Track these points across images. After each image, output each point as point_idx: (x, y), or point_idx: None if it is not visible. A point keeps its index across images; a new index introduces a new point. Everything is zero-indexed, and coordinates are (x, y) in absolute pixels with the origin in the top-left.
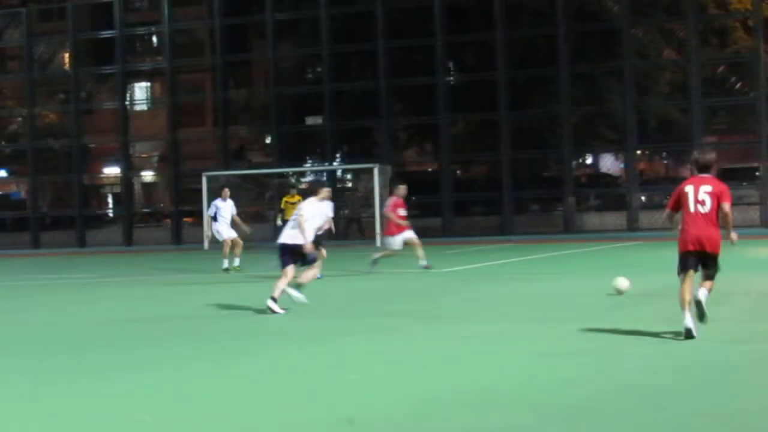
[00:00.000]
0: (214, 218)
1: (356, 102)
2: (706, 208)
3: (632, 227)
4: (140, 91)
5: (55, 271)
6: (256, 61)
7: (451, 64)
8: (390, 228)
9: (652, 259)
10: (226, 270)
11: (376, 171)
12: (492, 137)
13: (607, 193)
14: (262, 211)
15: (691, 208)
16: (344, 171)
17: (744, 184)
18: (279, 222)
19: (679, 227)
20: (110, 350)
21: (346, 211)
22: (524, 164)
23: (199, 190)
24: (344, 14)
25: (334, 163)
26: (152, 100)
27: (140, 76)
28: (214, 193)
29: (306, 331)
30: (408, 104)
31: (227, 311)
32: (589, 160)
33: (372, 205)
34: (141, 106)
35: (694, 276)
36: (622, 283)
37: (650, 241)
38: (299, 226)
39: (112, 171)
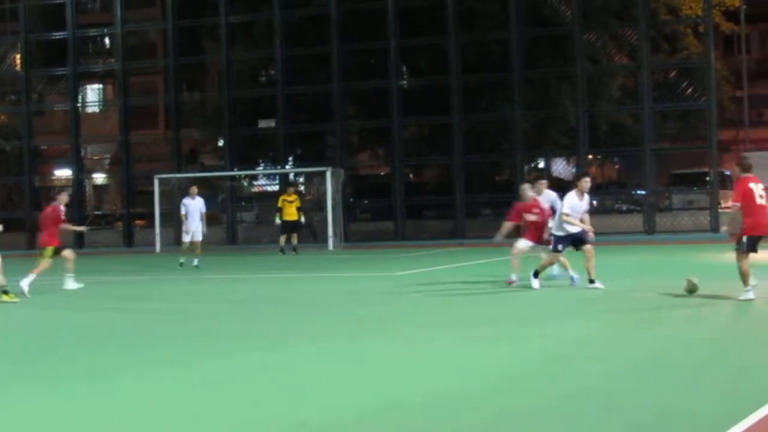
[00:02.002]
0: (186, 217)
1: (309, 105)
2: (765, 201)
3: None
4: (92, 92)
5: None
6: (209, 64)
7: (404, 68)
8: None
9: (604, 264)
10: (197, 267)
11: (328, 174)
12: (444, 141)
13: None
14: (214, 214)
15: (758, 201)
16: (297, 174)
17: (694, 189)
18: (278, 221)
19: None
20: (54, 356)
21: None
22: (476, 168)
23: (151, 193)
24: (298, 17)
25: (287, 167)
26: (104, 101)
27: (92, 78)
28: (167, 196)
29: (260, 334)
30: (361, 108)
31: (183, 313)
32: (541, 165)
33: (324, 209)
34: (93, 108)
35: None
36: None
37: (602, 245)
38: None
39: (63, 173)
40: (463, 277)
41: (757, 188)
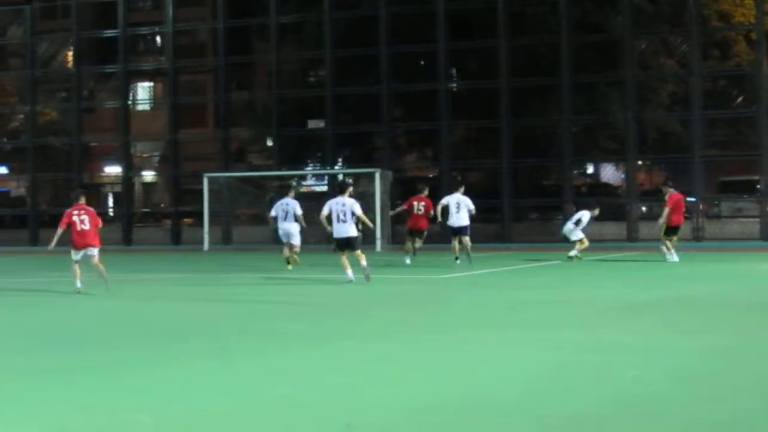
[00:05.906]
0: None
1: (358, 106)
2: (420, 212)
3: (632, 237)
4: (142, 90)
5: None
6: (258, 64)
7: (453, 71)
8: None
9: (650, 269)
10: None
11: (377, 176)
12: (492, 145)
13: (607, 203)
14: (260, 214)
15: (414, 212)
16: (345, 175)
17: (744, 196)
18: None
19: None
20: (108, 349)
21: None
22: (524, 172)
23: (199, 191)
24: (347, 19)
25: (335, 167)
26: (154, 100)
27: (142, 76)
28: (214, 195)
29: (303, 334)
30: (409, 109)
31: (225, 311)
32: (589, 170)
33: (372, 210)
34: (142, 106)
35: None
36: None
37: (649, 252)
38: None
39: (112, 170)
40: (510, 282)
41: (417, 204)
